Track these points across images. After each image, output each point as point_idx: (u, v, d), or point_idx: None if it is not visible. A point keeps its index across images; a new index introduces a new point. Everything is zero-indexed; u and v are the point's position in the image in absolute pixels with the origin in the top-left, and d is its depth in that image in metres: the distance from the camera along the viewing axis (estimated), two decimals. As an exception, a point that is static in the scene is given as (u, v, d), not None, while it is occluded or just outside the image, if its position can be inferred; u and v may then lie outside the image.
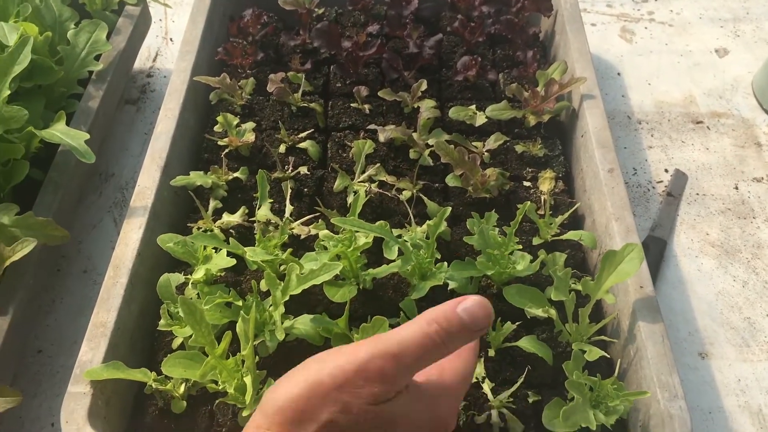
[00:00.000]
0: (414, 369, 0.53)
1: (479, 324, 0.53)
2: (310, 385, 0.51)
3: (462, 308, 0.53)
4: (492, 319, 0.54)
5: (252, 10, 1.09)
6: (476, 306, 0.54)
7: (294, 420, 0.50)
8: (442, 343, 0.52)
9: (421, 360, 0.52)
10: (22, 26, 0.89)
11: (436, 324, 0.52)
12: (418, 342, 0.52)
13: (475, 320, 0.53)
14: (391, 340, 0.52)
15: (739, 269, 0.95)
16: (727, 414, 0.82)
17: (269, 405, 0.52)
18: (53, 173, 0.88)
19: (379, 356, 0.51)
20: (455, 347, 0.54)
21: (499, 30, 1.08)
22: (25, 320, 0.78)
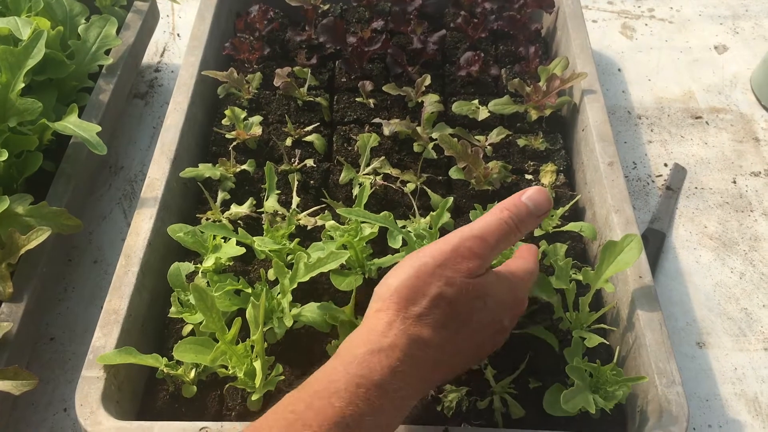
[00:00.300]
0: (496, 249, 0.63)
1: (541, 208, 0.65)
2: (418, 267, 0.60)
3: (526, 197, 0.65)
4: (552, 204, 0.67)
5: (258, 6, 1.11)
6: (537, 193, 0.66)
7: (408, 297, 0.59)
8: (514, 226, 0.64)
9: (500, 241, 0.63)
10: (35, 21, 0.91)
11: (507, 210, 0.64)
12: (496, 225, 0.63)
13: (537, 205, 0.65)
14: (474, 227, 0.63)
15: (737, 261, 0.97)
16: (723, 401, 0.84)
17: (384, 290, 0.61)
18: (65, 165, 0.90)
19: (468, 238, 0.62)
20: (525, 230, 0.65)
21: (501, 26, 1.10)
22: (38, 308, 0.80)
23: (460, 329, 0.61)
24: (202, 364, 0.73)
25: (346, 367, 0.56)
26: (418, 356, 0.58)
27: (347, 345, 0.59)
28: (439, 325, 0.59)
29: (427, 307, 0.59)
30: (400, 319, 0.58)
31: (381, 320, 0.59)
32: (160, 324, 0.80)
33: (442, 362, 0.61)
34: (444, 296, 0.59)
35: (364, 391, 0.54)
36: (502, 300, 0.65)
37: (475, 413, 0.72)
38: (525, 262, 0.70)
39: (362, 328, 0.60)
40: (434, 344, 0.59)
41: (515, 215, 0.64)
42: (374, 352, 0.56)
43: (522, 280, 0.68)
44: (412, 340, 0.58)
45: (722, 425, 0.82)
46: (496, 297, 0.63)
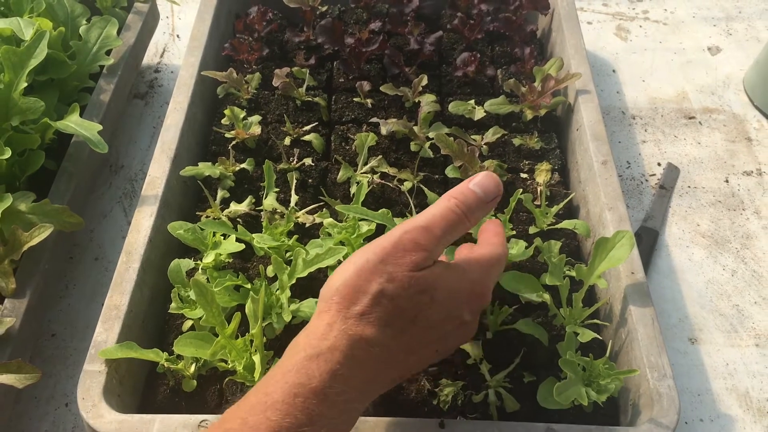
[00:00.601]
0: (444, 239, 0.61)
1: (491, 193, 0.63)
2: (359, 265, 0.58)
3: (474, 183, 0.63)
4: (501, 189, 0.64)
5: (257, 7, 1.12)
6: (485, 178, 0.63)
7: (350, 296, 0.58)
8: (462, 214, 0.61)
9: (448, 231, 0.61)
10: (37, 21, 0.93)
11: (455, 198, 0.61)
12: (442, 214, 0.60)
13: (486, 190, 0.63)
14: (420, 217, 0.61)
15: (729, 259, 0.99)
16: (715, 396, 0.85)
17: (327, 291, 0.60)
18: (67, 163, 0.91)
19: (412, 230, 0.59)
20: (475, 219, 0.63)
21: (497, 27, 1.11)
22: (40, 304, 0.82)
23: (406, 327, 0.59)
24: (202, 359, 0.74)
25: (285, 375, 0.54)
26: (361, 357, 0.56)
27: (289, 351, 0.58)
28: (382, 323, 0.58)
29: (368, 305, 0.57)
30: (341, 319, 0.57)
31: (322, 322, 0.58)
32: (161, 320, 0.81)
33: (391, 361, 0.59)
34: (385, 293, 0.57)
35: (302, 400, 0.53)
36: (455, 293, 0.62)
37: (470, 407, 0.73)
38: (489, 249, 0.68)
39: (304, 332, 0.59)
40: (378, 343, 0.57)
41: (463, 203, 0.61)
42: (313, 357, 0.55)
43: (482, 269, 0.65)
44: (354, 340, 0.56)
45: (713, 419, 0.83)
46: (446, 290, 0.61)
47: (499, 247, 0.68)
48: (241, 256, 0.85)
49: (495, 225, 0.72)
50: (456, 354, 0.76)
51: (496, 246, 0.68)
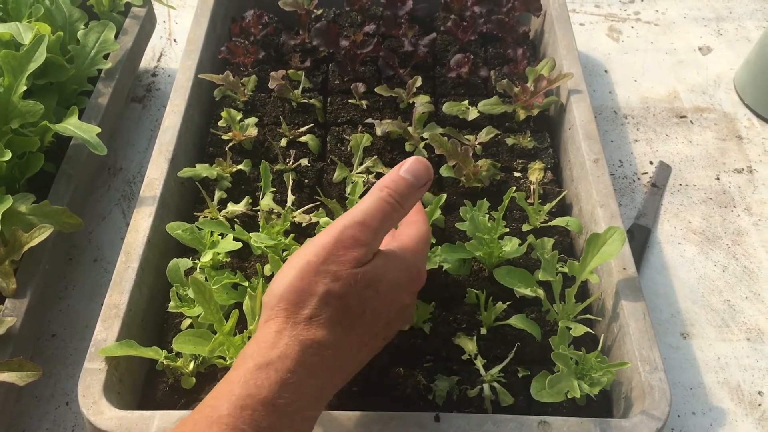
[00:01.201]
0: (381, 230, 0.61)
1: (422, 177, 0.63)
2: (301, 267, 0.58)
3: (404, 170, 0.62)
4: (432, 172, 0.64)
5: (253, 11, 1.13)
6: (415, 163, 0.63)
7: (295, 301, 0.57)
8: (396, 203, 0.61)
9: (384, 221, 0.60)
10: (36, 26, 0.94)
11: (387, 188, 0.61)
12: (376, 206, 0.60)
13: (417, 175, 0.62)
14: (355, 212, 0.60)
15: (720, 255, 1.00)
16: (707, 389, 0.86)
17: (270, 299, 0.59)
18: (66, 166, 0.92)
19: (349, 226, 0.59)
20: (409, 205, 0.63)
21: (490, 29, 1.13)
22: (40, 304, 0.83)
23: (355, 322, 0.59)
24: (200, 357, 0.75)
25: (231, 387, 0.53)
26: (314, 362, 0.56)
27: (237, 362, 0.56)
28: (333, 322, 0.57)
29: (317, 307, 0.57)
30: (290, 325, 0.56)
31: (270, 330, 0.56)
32: (160, 318, 0.82)
33: (344, 359, 0.59)
34: (332, 293, 0.57)
35: (250, 413, 0.51)
36: (397, 281, 0.63)
37: (465, 401, 0.74)
38: (415, 229, 0.68)
39: (252, 341, 0.57)
40: (330, 344, 0.57)
41: (395, 191, 0.61)
42: (262, 366, 0.54)
43: (414, 252, 0.66)
44: (306, 345, 0.56)
45: (705, 412, 0.84)
46: (388, 280, 0.61)
47: (422, 225, 0.69)
48: (238, 255, 0.86)
49: (416, 207, 0.72)
50: (451, 349, 0.78)
51: (419, 224, 0.69)
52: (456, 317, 0.80)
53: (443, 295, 0.83)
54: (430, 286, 0.82)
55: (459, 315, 0.80)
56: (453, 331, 0.79)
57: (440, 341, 0.79)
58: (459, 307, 0.81)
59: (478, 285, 0.83)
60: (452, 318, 0.80)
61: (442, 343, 0.78)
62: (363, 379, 0.74)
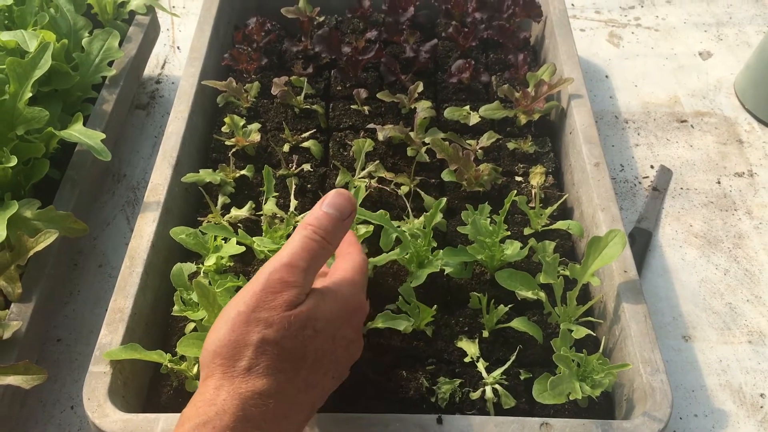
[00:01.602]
0: (311, 269, 0.60)
1: (344, 211, 0.62)
2: (232, 320, 0.57)
3: (325, 204, 0.62)
4: (355, 203, 0.63)
5: (256, 18, 1.14)
6: (336, 197, 0.62)
7: (230, 355, 0.56)
8: (322, 240, 0.60)
9: (313, 260, 0.60)
10: (41, 34, 0.95)
11: (311, 226, 0.60)
12: (302, 246, 0.59)
13: (339, 209, 0.62)
14: (282, 254, 0.59)
15: (721, 258, 1.00)
16: (709, 392, 0.87)
17: (205, 356, 0.58)
18: (71, 171, 0.93)
19: (276, 270, 0.58)
20: (336, 240, 0.62)
21: (491, 35, 1.14)
22: (46, 308, 0.83)
23: (298, 366, 0.58)
24: (204, 360, 0.76)
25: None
26: (256, 413, 0.54)
27: (179, 422, 0.55)
28: (273, 370, 0.56)
29: (253, 357, 0.55)
30: (228, 380, 0.55)
31: (208, 388, 0.55)
32: (164, 322, 0.83)
33: (293, 405, 0.58)
34: (267, 340, 0.56)
35: None
36: (335, 316, 0.62)
37: (468, 404, 0.74)
38: (349, 261, 0.67)
39: (191, 402, 0.56)
40: (272, 392, 0.55)
41: (319, 227, 0.60)
42: (200, 426, 0.52)
43: (351, 284, 0.65)
44: (245, 398, 0.54)
45: (707, 414, 0.85)
46: (326, 317, 0.60)
47: (356, 255, 0.68)
48: (241, 260, 0.87)
49: (348, 236, 0.70)
50: (454, 352, 0.78)
51: (353, 255, 0.68)
52: (458, 320, 0.81)
53: (445, 299, 0.84)
54: (432, 290, 0.83)
55: (461, 318, 0.81)
56: (455, 333, 0.80)
57: (442, 344, 0.79)
58: (461, 310, 0.82)
59: (480, 288, 0.84)
60: (454, 321, 0.81)
61: (445, 345, 0.79)
62: (365, 381, 0.75)
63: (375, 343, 0.79)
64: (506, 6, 1.16)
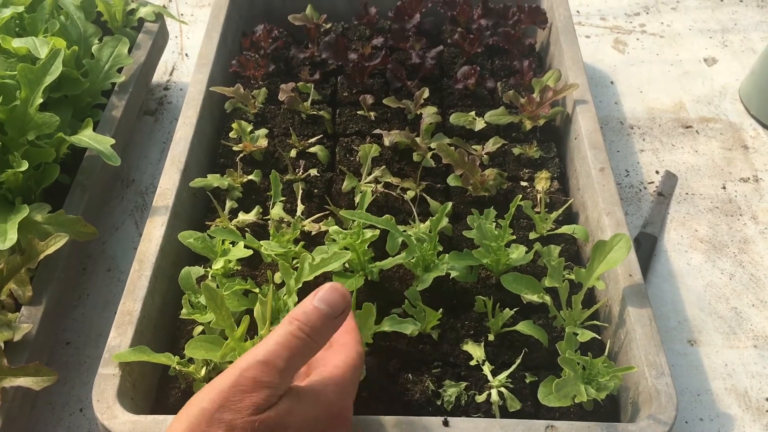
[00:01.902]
0: (290, 369, 0.54)
1: (337, 308, 0.56)
2: (194, 416, 0.51)
3: (317, 299, 0.56)
4: (349, 299, 0.57)
5: (263, 25, 1.16)
6: (329, 292, 0.56)
7: None
8: (307, 338, 0.54)
9: (293, 358, 0.54)
10: (52, 41, 0.96)
11: (297, 321, 0.55)
12: (284, 343, 0.54)
13: (332, 305, 0.56)
14: (259, 349, 0.53)
15: (727, 263, 1.01)
16: (714, 396, 0.87)
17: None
18: (80, 176, 0.94)
19: (250, 367, 0.52)
20: (324, 338, 0.56)
21: (496, 41, 1.15)
22: (56, 311, 0.84)
23: None
24: (212, 362, 0.77)
25: None
26: None
27: None
28: None
29: None
30: None
31: None
32: (172, 325, 0.84)
33: None
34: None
35: None
36: (314, 422, 0.55)
37: (473, 407, 0.75)
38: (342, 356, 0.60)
39: None
40: None
41: (306, 323, 0.55)
42: None
43: (339, 385, 0.58)
44: None
45: (713, 418, 0.85)
46: (298, 424, 0.54)
47: (352, 349, 0.61)
48: (249, 264, 0.88)
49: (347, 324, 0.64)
50: (459, 355, 0.79)
51: (348, 348, 0.61)
52: (464, 324, 0.81)
53: (451, 302, 0.84)
54: (438, 293, 0.83)
55: (467, 321, 0.81)
56: (461, 337, 0.80)
57: (448, 347, 0.80)
58: (467, 314, 0.82)
59: (486, 292, 0.84)
60: (460, 324, 0.81)
61: (450, 349, 0.79)
62: (372, 384, 0.75)
63: (381, 346, 0.79)
64: (511, 13, 1.17)
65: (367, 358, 0.77)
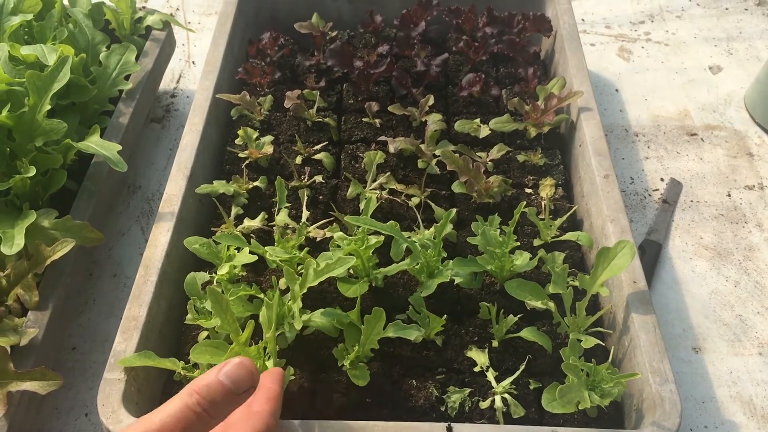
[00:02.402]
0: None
1: (242, 385, 0.54)
2: None
3: (223, 373, 0.54)
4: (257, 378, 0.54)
5: (269, 33, 1.16)
6: (236, 368, 0.54)
7: None
8: (204, 412, 0.52)
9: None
10: (60, 48, 0.97)
11: (197, 394, 0.53)
12: (179, 415, 0.52)
13: (236, 382, 0.54)
14: (154, 417, 0.51)
15: (732, 270, 1.01)
16: (719, 403, 0.87)
17: None
18: (87, 182, 0.95)
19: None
20: (224, 413, 0.53)
21: (501, 49, 1.15)
22: (62, 316, 0.85)
23: None
24: (217, 367, 0.77)
25: None
26: None
27: None
28: None
29: None
30: None
31: None
32: (177, 330, 0.84)
33: None
34: None
35: None
36: None
37: (477, 413, 0.75)
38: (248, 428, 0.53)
39: None
40: None
41: (205, 397, 0.53)
42: None
43: None
44: None
45: (718, 426, 0.85)
46: None
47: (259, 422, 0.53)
48: (254, 269, 0.88)
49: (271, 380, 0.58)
50: (463, 362, 0.79)
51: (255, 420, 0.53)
52: (468, 330, 0.81)
53: (455, 308, 0.84)
54: (442, 299, 0.84)
55: (471, 328, 0.82)
56: (465, 343, 0.80)
57: (452, 353, 0.80)
58: (471, 320, 0.82)
59: (490, 298, 0.84)
60: (464, 330, 0.81)
61: (455, 355, 0.80)
62: (376, 390, 0.76)
63: (385, 352, 0.79)
64: (516, 21, 1.18)
65: (371, 363, 0.77)
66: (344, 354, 0.76)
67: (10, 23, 1.02)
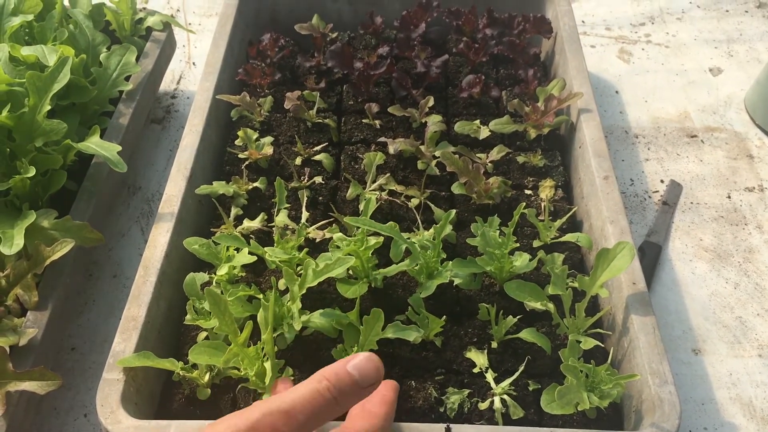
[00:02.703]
0: (307, 425, 0.52)
1: (369, 379, 0.55)
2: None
3: (352, 365, 0.55)
4: (382, 374, 0.56)
5: (270, 34, 1.17)
6: (365, 362, 0.55)
7: None
8: (333, 399, 0.53)
9: (313, 417, 0.52)
10: (60, 49, 0.97)
11: (327, 380, 0.54)
12: (309, 398, 0.52)
13: (364, 376, 0.55)
14: (283, 397, 0.52)
15: (731, 272, 1.01)
16: (719, 405, 0.87)
17: None
18: (87, 183, 0.95)
19: (270, 413, 0.51)
20: (348, 404, 0.55)
21: (501, 51, 1.15)
22: (62, 317, 0.85)
23: None
24: (216, 368, 0.77)
25: None
26: None
27: None
28: None
29: None
30: None
31: None
32: (176, 331, 0.84)
33: None
34: None
35: None
36: None
37: (476, 414, 0.75)
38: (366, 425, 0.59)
39: None
40: None
41: (336, 386, 0.54)
42: None
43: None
44: None
45: (717, 428, 0.84)
46: None
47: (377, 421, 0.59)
48: (253, 270, 0.88)
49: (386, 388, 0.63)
50: (462, 362, 0.79)
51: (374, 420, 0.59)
52: (467, 331, 0.81)
53: (454, 309, 0.84)
54: (441, 300, 0.84)
55: (470, 329, 0.82)
56: (464, 344, 0.80)
57: (451, 354, 0.80)
58: (470, 321, 0.82)
59: (489, 299, 0.84)
60: (463, 331, 0.81)
61: (454, 356, 0.80)
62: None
63: (385, 353, 0.79)
64: (517, 22, 1.18)
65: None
66: (343, 354, 0.76)
67: (10, 24, 1.02)
